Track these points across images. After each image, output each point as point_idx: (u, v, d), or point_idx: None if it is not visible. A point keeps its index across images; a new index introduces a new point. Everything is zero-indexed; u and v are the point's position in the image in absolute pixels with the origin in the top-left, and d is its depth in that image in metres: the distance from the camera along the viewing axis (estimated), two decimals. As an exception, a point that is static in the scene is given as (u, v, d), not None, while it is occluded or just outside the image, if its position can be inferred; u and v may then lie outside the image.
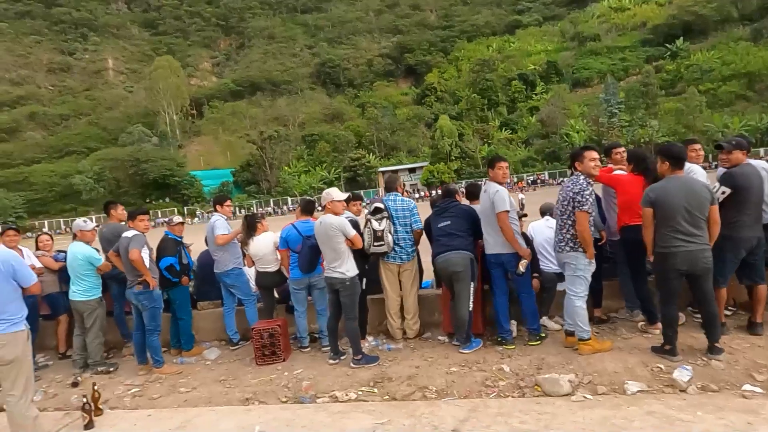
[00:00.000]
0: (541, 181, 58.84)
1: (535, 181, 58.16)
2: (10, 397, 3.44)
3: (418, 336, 5.22)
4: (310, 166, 71.12)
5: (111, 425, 3.99)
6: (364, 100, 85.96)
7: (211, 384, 4.70)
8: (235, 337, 5.64)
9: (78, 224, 5.55)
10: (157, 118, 79.06)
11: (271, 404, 4.10)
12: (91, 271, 5.36)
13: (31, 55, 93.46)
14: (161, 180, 64.40)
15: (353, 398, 4.02)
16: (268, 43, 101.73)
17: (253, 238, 5.39)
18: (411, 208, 5.14)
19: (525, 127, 71.38)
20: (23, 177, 65.52)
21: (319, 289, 5.24)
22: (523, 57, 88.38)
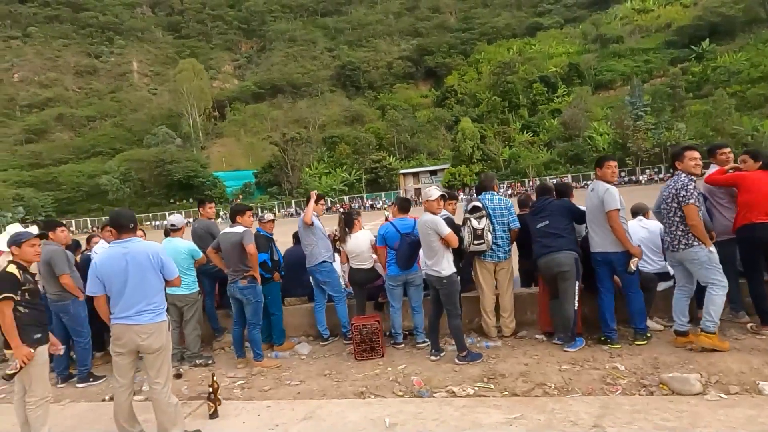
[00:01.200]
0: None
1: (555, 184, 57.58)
2: (155, 385, 3.57)
3: (513, 334, 5.24)
4: (331, 167, 71.52)
5: (234, 415, 4.09)
6: (384, 103, 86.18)
7: (316, 378, 4.79)
8: (326, 332, 5.73)
9: (174, 220, 5.69)
10: (180, 120, 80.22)
11: (389, 398, 4.15)
12: (192, 265, 5.51)
13: (60, 58, 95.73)
14: (185, 181, 65.27)
15: (471, 393, 4.06)
16: (289, 46, 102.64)
17: (351, 235, 5.47)
18: (508, 207, 5.18)
19: (547, 129, 70.76)
20: (52, 177, 67.04)
21: (415, 287, 5.29)
22: (544, 59, 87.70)
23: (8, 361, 6.54)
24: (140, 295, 3.50)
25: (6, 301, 3.59)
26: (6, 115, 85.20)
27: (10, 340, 3.59)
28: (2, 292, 3.61)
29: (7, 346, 3.77)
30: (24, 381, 3.70)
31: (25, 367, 3.64)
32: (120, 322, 3.50)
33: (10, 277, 3.71)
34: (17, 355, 3.60)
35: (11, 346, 3.60)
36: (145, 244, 3.65)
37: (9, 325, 3.58)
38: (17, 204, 60.02)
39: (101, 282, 3.50)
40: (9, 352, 3.74)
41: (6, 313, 3.58)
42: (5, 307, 3.58)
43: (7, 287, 3.65)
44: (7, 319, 3.58)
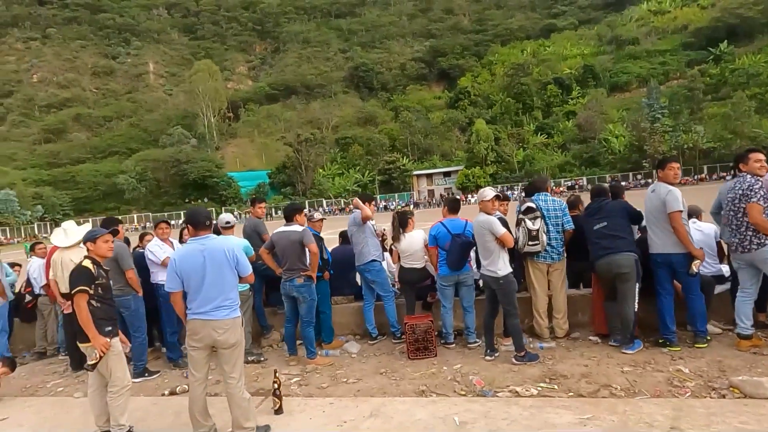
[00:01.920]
0: (579, 187, 57.81)
1: (572, 187, 57.23)
2: (230, 380, 3.62)
3: (566, 336, 5.23)
4: (344, 168, 71.81)
5: (298, 411, 4.13)
6: (397, 104, 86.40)
7: (373, 376, 4.81)
8: (374, 331, 5.76)
9: (227, 218, 5.74)
10: (195, 121, 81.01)
11: (452, 397, 4.17)
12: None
13: (77, 59, 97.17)
14: (200, 181, 65.90)
15: (535, 394, 4.07)
16: (303, 48, 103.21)
17: (405, 234, 5.50)
18: (563, 208, 5.18)
19: (561, 131, 70.41)
20: (70, 176, 68.05)
21: (467, 287, 5.31)
22: (559, 61, 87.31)
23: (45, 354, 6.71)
24: (217, 291, 3.56)
25: (82, 294, 3.69)
26: (25, 115, 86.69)
27: (88, 332, 3.67)
28: (78, 285, 3.70)
29: (80, 339, 3.84)
30: (104, 372, 3.78)
31: (104, 358, 3.73)
32: (197, 318, 3.55)
33: (85, 271, 3.80)
34: (95, 346, 3.68)
35: (89, 337, 3.68)
36: (221, 240, 3.71)
37: (85, 317, 3.67)
38: (36, 202, 61.04)
39: (180, 278, 3.56)
40: (84, 346, 3.81)
41: (82, 305, 3.67)
42: (81, 299, 3.68)
43: (83, 281, 3.74)
44: (83, 311, 3.66)
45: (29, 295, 6.64)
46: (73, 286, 3.73)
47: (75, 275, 3.78)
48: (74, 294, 3.70)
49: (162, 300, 5.63)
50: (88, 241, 4.01)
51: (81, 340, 3.84)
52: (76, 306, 3.68)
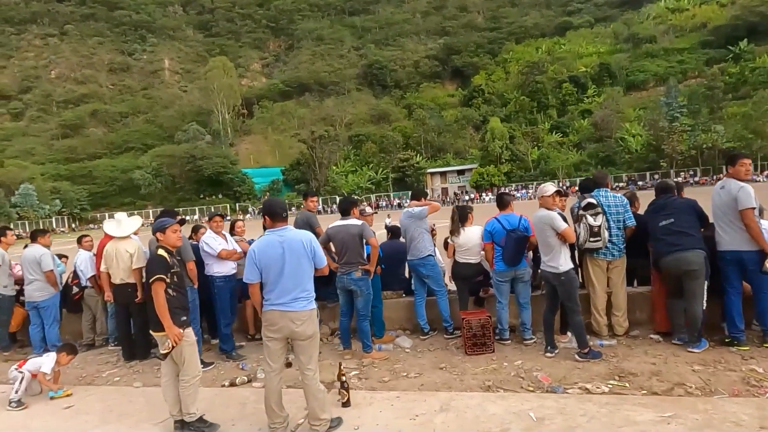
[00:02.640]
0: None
1: (589, 186, 56.69)
2: (307, 371, 3.62)
3: (625, 333, 5.17)
4: (357, 166, 71.82)
5: (366, 404, 4.12)
6: (410, 102, 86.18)
7: (433, 370, 4.79)
8: (426, 327, 5.74)
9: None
10: (210, 117, 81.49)
11: (521, 392, 4.13)
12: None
13: (94, 56, 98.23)
14: (215, 177, 66.30)
15: (606, 391, 4.02)
16: (317, 45, 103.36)
17: (464, 229, 5.46)
18: (624, 204, 5.11)
19: (576, 130, 69.79)
20: (87, 171, 68.84)
21: (523, 282, 5.27)
22: (574, 59, 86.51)
23: (94, 345, 6.76)
24: (296, 282, 3.56)
25: (159, 282, 3.71)
26: (43, 110, 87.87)
27: (163, 320, 3.69)
28: (155, 273, 3.73)
29: (154, 328, 3.86)
30: (178, 360, 3.80)
31: (177, 347, 3.74)
32: (275, 309, 3.55)
33: (161, 259, 3.82)
34: (169, 336, 3.69)
35: (164, 326, 3.70)
36: (297, 231, 3.71)
37: (162, 305, 3.68)
38: (54, 197, 61.83)
39: (258, 269, 3.56)
40: (159, 335, 3.83)
41: (159, 293, 3.69)
42: (159, 287, 3.70)
43: (160, 269, 3.76)
44: (160, 299, 3.68)
45: (76, 287, 6.70)
46: (150, 274, 3.75)
47: (151, 264, 3.81)
48: (152, 282, 3.72)
49: (216, 291, 5.67)
50: (157, 231, 4.04)
51: (155, 329, 3.86)
52: (154, 294, 3.70)
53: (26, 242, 6.82)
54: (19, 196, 57.72)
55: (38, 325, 6.39)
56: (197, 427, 3.81)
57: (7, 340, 6.62)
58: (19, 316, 6.70)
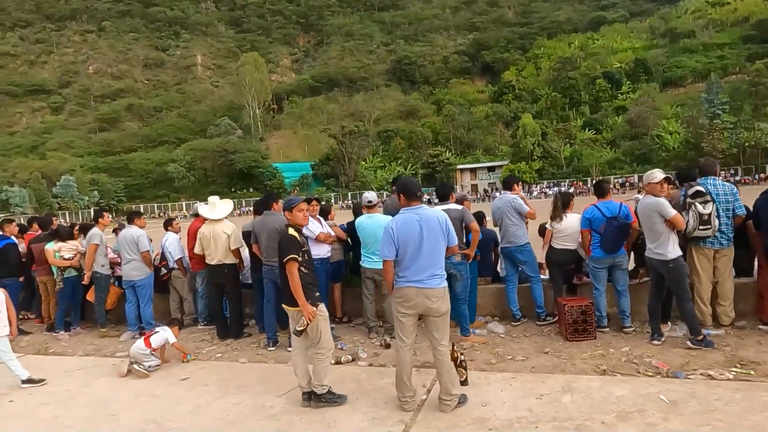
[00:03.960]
0: (630, 184, 56.07)
1: (624, 184, 55.54)
2: (440, 347, 3.69)
3: (731, 324, 5.09)
4: (386, 161, 71.91)
5: (484, 384, 4.16)
6: (439, 98, 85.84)
7: (538, 354, 4.81)
8: (518, 313, 5.76)
9: (370, 196, 5.85)
10: (241, 112, 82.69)
11: (640, 377, 4.12)
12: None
13: (130, 51, 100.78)
14: (246, 171, 67.28)
15: (731, 378, 3.98)
16: (346, 40, 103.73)
17: (566, 214, 5.46)
18: (734, 193, 5.02)
19: (610, 127, 68.45)
20: (123, 164, 70.70)
21: (621, 270, 5.25)
22: (608, 55, 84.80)
23: (182, 324, 6.98)
24: (433, 259, 3.63)
25: (293, 262, 3.82)
26: (81, 104, 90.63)
27: (298, 298, 3.80)
28: (290, 253, 3.83)
29: (288, 303, 3.97)
30: (313, 335, 3.91)
31: (313, 322, 3.86)
32: (411, 285, 3.63)
33: (293, 239, 3.93)
34: (304, 313, 3.80)
35: (298, 303, 3.81)
36: (433, 210, 3.78)
37: (296, 283, 3.79)
38: (93, 188, 63.73)
39: (396, 247, 3.63)
40: (294, 310, 3.95)
41: (293, 272, 3.80)
42: (293, 267, 3.81)
43: (293, 248, 3.87)
44: (294, 278, 3.79)
45: (164, 268, 6.93)
46: (284, 254, 3.85)
47: (284, 243, 3.90)
48: (286, 262, 3.82)
49: (316, 273, 5.78)
50: (286, 210, 4.15)
51: (287, 304, 3.98)
52: (289, 273, 3.81)
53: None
54: (60, 187, 59.69)
55: (134, 303, 6.64)
56: (328, 398, 3.92)
57: (104, 316, 6.90)
58: (113, 295, 6.98)
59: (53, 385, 4.94)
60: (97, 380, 5.03)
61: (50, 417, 4.18)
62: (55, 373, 5.20)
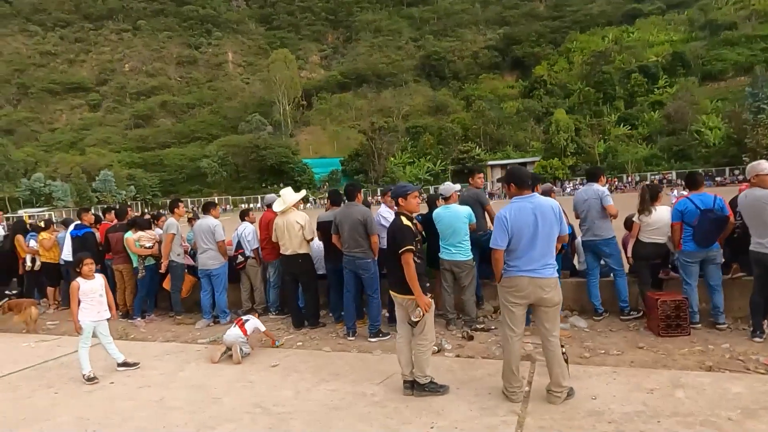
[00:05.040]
0: (668, 181, 54.51)
1: (661, 181, 54.01)
2: (552, 338, 3.64)
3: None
4: (415, 157, 71.69)
5: (586, 377, 4.07)
6: (469, 93, 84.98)
7: (632, 349, 4.71)
8: (601, 308, 5.65)
9: (452, 188, 5.82)
10: (271, 108, 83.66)
11: (752, 374, 3.99)
12: (468, 232, 5.62)
13: (164, 50, 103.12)
14: (277, 166, 68.02)
15: None
16: (375, 36, 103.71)
17: (656, 207, 5.32)
18: None
19: (646, 122, 66.60)
20: (158, 159, 72.42)
21: (714, 264, 5.09)
22: (644, 48, 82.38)
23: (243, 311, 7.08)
24: (547, 249, 3.58)
25: (409, 252, 3.80)
26: (118, 101, 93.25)
27: (414, 289, 3.78)
28: (406, 244, 3.82)
29: (400, 291, 3.94)
30: (419, 326, 3.90)
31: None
32: (524, 275, 3.58)
33: (407, 228, 3.91)
34: (420, 304, 3.79)
35: (414, 294, 3.79)
36: (546, 198, 3.73)
37: (413, 274, 3.78)
38: (130, 183, 65.51)
39: (509, 235, 3.59)
40: (407, 298, 3.93)
41: (410, 262, 3.79)
42: (409, 257, 3.79)
43: (409, 239, 3.85)
44: (411, 269, 3.78)
45: (241, 256, 7.04)
46: (400, 244, 3.83)
47: (400, 234, 3.88)
48: (402, 253, 3.81)
49: (391, 265, 5.80)
50: (399, 197, 4.12)
51: (398, 291, 3.96)
52: (405, 264, 3.79)
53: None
54: (100, 181, 61.55)
55: (208, 291, 6.79)
56: (431, 388, 3.92)
57: (180, 304, 7.08)
58: (188, 283, 7.15)
59: (146, 369, 5.09)
60: (188, 365, 5.15)
61: (156, 399, 4.29)
62: (143, 358, 5.34)
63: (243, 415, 3.85)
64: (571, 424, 3.35)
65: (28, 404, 4.38)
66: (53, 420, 4.01)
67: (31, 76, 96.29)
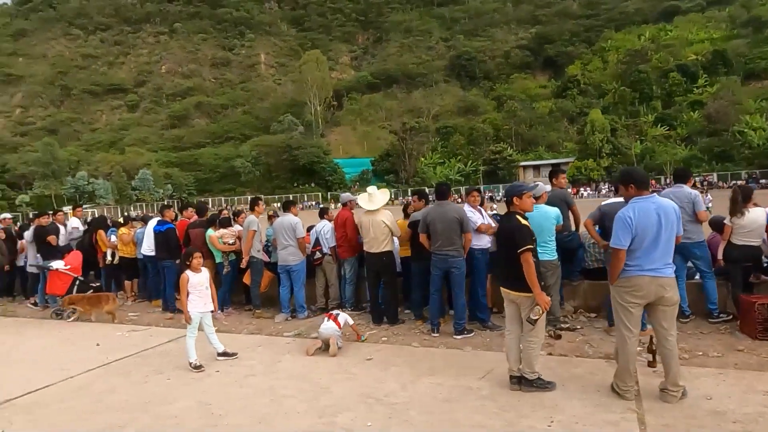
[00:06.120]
0: (709, 183, 52.89)
1: (702, 183, 52.42)
2: (670, 337, 3.68)
3: None
4: (445, 157, 71.49)
5: (693, 378, 4.08)
6: (500, 93, 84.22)
7: (732, 352, 4.68)
8: (688, 310, 5.62)
9: (542, 187, 5.86)
10: (302, 109, 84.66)
11: None
12: (554, 233, 5.65)
13: (199, 51, 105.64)
14: (308, 166, 68.77)
15: None
16: (405, 37, 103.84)
17: (749, 209, 5.27)
18: None
19: (685, 123, 64.78)
20: (193, 158, 74.08)
21: (814, 267, 5.01)
22: (683, 46, 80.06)
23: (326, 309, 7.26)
24: (668, 248, 3.63)
25: (529, 252, 3.87)
26: (155, 102, 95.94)
27: (534, 288, 3.85)
28: (527, 243, 3.89)
29: (515, 288, 4.03)
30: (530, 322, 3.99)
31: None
32: (645, 274, 3.62)
33: (527, 228, 3.98)
34: (539, 302, 3.87)
35: (534, 293, 3.87)
36: (666, 200, 3.75)
37: (533, 273, 3.85)
38: (166, 182, 67.25)
39: (632, 235, 3.62)
40: (517, 294, 4.01)
41: (530, 262, 3.86)
42: (529, 257, 3.87)
43: (529, 238, 3.93)
44: (531, 268, 3.86)
45: (319, 252, 7.23)
46: (519, 244, 3.89)
47: (519, 233, 3.93)
48: (522, 252, 3.87)
49: (474, 263, 5.88)
50: (513, 196, 4.17)
51: (511, 288, 4.05)
52: (525, 262, 3.85)
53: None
54: (138, 180, 63.41)
55: (287, 287, 7.02)
56: (539, 384, 4.00)
57: (259, 298, 7.33)
58: (266, 278, 7.40)
59: (244, 359, 5.31)
60: (284, 357, 5.36)
61: (266, 387, 4.49)
62: (236, 349, 5.54)
63: (357, 404, 4.01)
64: (694, 423, 3.39)
65: (147, 389, 4.65)
66: (175, 404, 4.25)
67: (74, 77, 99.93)
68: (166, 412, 4.10)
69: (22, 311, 8.76)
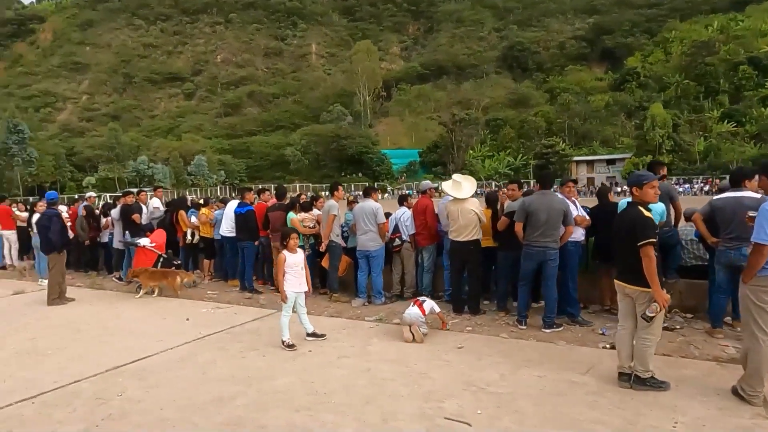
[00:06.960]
0: (781, 185, 49.45)
1: (773, 185, 49.12)
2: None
3: None
4: (494, 150, 70.30)
5: None
6: (553, 86, 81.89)
7: None
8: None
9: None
10: (352, 99, 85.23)
11: None
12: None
13: (252, 41, 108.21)
14: (356, 156, 69.31)
15: None
16: (456, 27, 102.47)
17: None
18: None
19: (755, 119, 60.85)
20: (245, 146, 76.20)
21: None
22: (755, 38, 75.02)
23: (402, 296, 7.25)
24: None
25: (650, 246, 3.67)
26: (210, 91, 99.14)
27: (653, 284, 3.65)
28: (650, 236, 3.68)
29: (636, 283, 3.84)
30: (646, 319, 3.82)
31: None
32: (782, 272, 3.40)
33: (651, 221, 3.75)
34: (658, 299, 3.69)
35: (653, 289, 3.69)
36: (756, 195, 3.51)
37: (653, 269, 3.64)
38: (220, 168, 69.48)
39: None
40: (638, 290, 3.84)
41: (651, 256, 3.66)
42: (651, 251, 3.67)
43: (652, 231, 3.72)
44: (651, 263, 3.65)
45: (399, 239, 7.22)
46: (640, 236, 3.69)
47: (641, 225, 3.73)
48: (643, 245, 3.67)
49: (568, 256, 5.70)
50: (634, 186, 3.96)
51: (630, 283, 3.88)
52: (646, 256, 3.66)
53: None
54: (194, 166, 65.82)
55: (365, 272, 7.06)
56: (653, 383, 3.84)
57: (336, 282, 7.42)
58: (344, 263, 7.47)
59: (332, 341, 5.38)
60: (372, 340, 5.39)
61: (363, 369, 4.53)
62: (321, 331, 5.60)
63: (462, 392, 3.97)
64: (839, 434, 3.16)
65: (247, 364, 4.79)
66: (278, 380, 4.35)
67: (135, 66, 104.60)
68: (270, 387, 4.21)
69: (109, 284, 9.26)
